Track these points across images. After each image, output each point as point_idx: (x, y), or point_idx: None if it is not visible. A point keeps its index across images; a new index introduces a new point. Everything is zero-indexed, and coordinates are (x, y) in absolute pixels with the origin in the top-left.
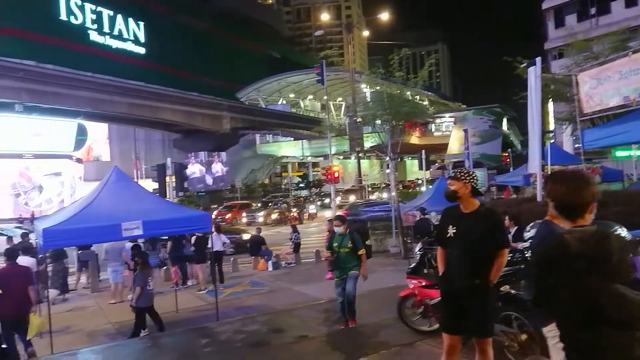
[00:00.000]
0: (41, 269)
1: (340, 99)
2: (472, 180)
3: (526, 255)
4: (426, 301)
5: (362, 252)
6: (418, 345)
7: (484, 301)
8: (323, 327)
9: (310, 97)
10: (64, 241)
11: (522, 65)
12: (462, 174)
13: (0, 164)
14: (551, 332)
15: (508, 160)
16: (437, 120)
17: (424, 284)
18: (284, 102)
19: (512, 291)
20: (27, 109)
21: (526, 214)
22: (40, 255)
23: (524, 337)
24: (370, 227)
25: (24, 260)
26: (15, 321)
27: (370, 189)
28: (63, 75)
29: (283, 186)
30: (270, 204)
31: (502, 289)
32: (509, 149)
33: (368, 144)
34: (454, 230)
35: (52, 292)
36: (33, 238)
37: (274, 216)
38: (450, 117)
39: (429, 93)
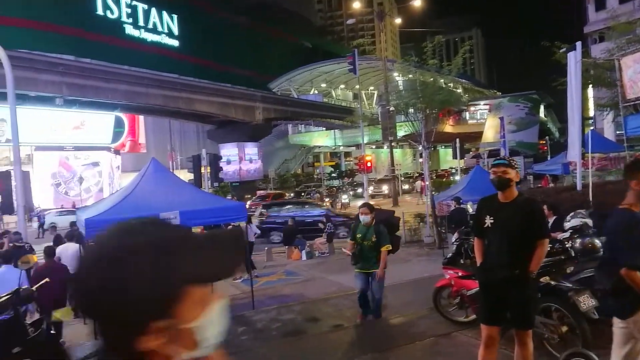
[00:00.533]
0: None
1: (372, 87)
2: (517, 168)
3: (566, 245)
4: (463, 292)
5: (385, 248)
6: (455, 336)
7: (523, 292)
8: (353, 317)
9: (342, 86)
10: None
11: (562, 51)
12: (513, 161)
13: (41, 155)
14: (620, 324)
15: (545, 148)
16: (472, 108)
17: (460, 274)
18: (316, 91)
19: (552, 282)
20: (67, 103)
21: (565, 203)
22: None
23: (564, 329)
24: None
25: (70, 246)
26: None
27: (402, 178)
28: (101, 69)
29: (315, 176)
30: (303, 194)
31: (542, 279)
32: (546, 137)
33: (401, 133)
34: (492, 221)
35: None
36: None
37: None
38: (485, 104)
39: (463, 80)
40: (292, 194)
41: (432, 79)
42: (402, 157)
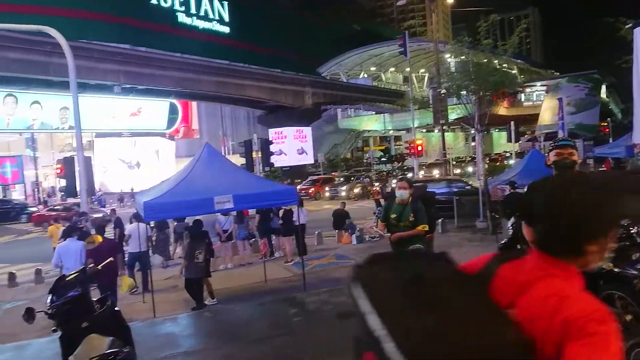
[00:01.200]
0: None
1: (422, 70)
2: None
3: (631, 231)
4: None
5: (423, 227)
6: None
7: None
8: None
9: (392, 69)
10: (162, 213)
11: (627, 26)
12: (575, 142)
13: (102, 142)
14: None
15: (607, 130)
16: (527, 90)
17: None
18: (365, 75)
19: (616, 269)
20: (124, 91)
21: None
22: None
23: (628, 317)
24: None
25: (139, 226)
26: (107, 284)
27: (454, 162)
28: (155, 57)
29: (365, 160)
30: (352, 179)
31: (604, 266)
32: (608, 119)
33: (452, 116)
34: None
35: (157, 259)
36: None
37: (357, 190)
38: (541, 85)
39: (519, 61)
40: (341, 179)
41: (485, 60)
42: (453, 141)
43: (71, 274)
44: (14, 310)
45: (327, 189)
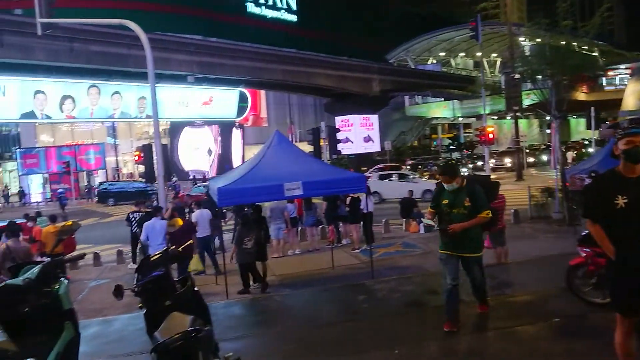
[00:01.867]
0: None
1: (495, 54)
2: None
3: None
4: (601, 272)
5: (485, 214)
6: (590, 318)
7: None
8: None
9: (462, 54)
10: (235, 199)
11: None
12: None
13: (188, 131)
14: None
15: None
16: (610, 73)
17: (598, 252)
18: (434, 61)
19: None
20: (197, 80)
21: None
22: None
23: None
24: None
25: (202, 212)
26: (182, 259)
27: (527, 150)
28: (226, 47)
29: (432, 148)
30: (419, 167)
31: None
32: None
33: (527, 102)
34: (625, 200)
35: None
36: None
37: (424, 179)
38: (625, 68)
39: (601, 43)
40: (408, 166)
41: (564, 43)
42: (527, 128)
43: (155, 255)
44: (99, 288)
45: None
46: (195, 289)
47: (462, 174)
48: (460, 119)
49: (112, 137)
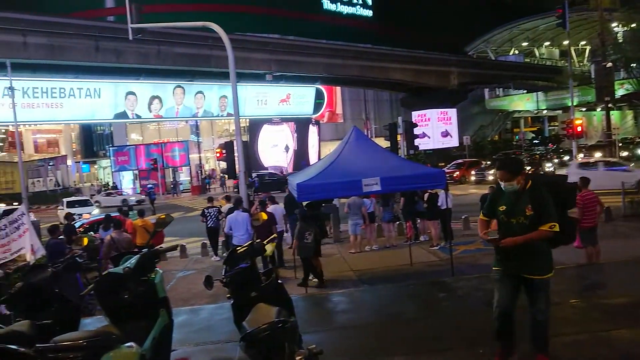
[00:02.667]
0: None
1: (583, 42)
2: None
3: None
4: None
5: (547, 226)
6: None
7: None
8: (570, 293)
9: (547, 43)
10: (314, 194)
11: None
12: None
13: (266, 128)
14: None
15: None
16: None
17: None
18: (516, 51)
19: None
20: (275, 78)
21: None
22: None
23: None
24: None
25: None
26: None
27: (620, 144)
28: (302, 44)
29: (514, 143)
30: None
31: None
32: None
33: (620, 92)
34: None
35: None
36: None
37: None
38: None
39: None
40: (488, 162)
41: None
42: (620, 120)
43: (242, 247)
44: (185, 279)
45: (473, 172)
46: (279, 281)
47: (526, 172)
48: (544, 111)
49: (195, 134)
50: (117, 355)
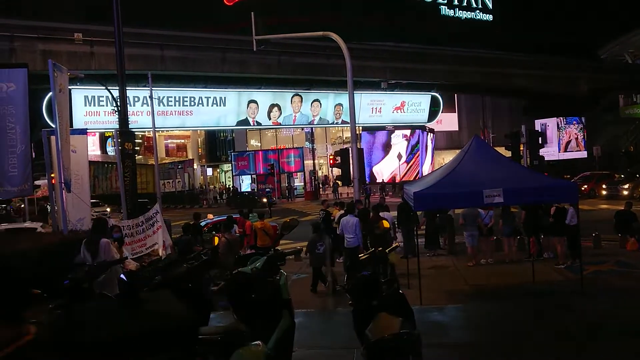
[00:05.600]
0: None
1: None
2: None
3: None
4: None
5: None
6: None
7: None
8: None
9: None
10: (431, 204)
11: None
12: None
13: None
14: None
15: None
16: None
17: None
18: None
19: None
20: (390, 86)
21: None
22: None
23: None
24: None
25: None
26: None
27: None
28: (418, 51)
29: None
30: (638, 175)
31: None
32: None
33: None
34: None
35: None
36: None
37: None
38: None
39: None
40: (622, 175)
41: None
42: None
43: (365, 254)
44: (300, 281)
45: (604, 186)
46: (401, 292)
47: None
48: None
49: (310, 141)
50: (246, 352)
